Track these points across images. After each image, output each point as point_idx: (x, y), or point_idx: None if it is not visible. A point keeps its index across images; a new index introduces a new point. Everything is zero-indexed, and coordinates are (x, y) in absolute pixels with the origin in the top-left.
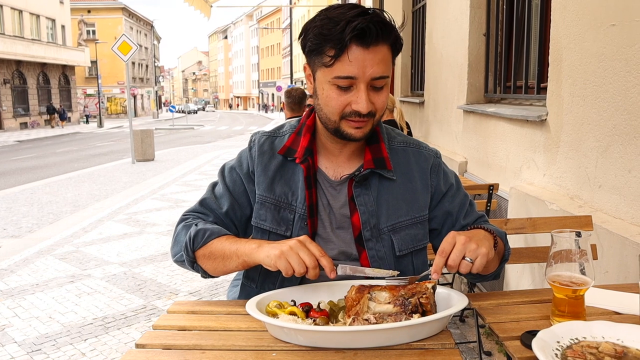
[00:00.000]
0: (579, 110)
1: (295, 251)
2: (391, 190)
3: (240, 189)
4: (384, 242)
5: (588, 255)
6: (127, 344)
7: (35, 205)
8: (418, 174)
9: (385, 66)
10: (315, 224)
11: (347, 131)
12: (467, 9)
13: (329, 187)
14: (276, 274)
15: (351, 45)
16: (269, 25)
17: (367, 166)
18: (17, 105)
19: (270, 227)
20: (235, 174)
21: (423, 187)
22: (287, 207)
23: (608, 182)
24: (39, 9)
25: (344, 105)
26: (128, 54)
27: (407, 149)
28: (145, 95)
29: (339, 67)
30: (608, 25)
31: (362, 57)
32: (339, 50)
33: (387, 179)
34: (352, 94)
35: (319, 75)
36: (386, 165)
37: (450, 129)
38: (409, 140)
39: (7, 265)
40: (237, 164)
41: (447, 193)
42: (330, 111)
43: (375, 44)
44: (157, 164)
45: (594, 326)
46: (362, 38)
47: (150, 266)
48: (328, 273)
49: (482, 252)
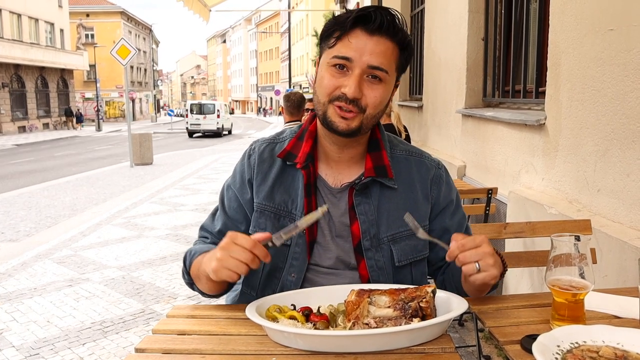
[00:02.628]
0: (577, 115)
1: (228, 254)
2: (392, 200)
3: (234, 205)
4: (384, 252)
5: (587, 259)
6: (125, 349)
7: (33, 209)
8: (419, 183)
9: (385, 59)
10: (314, 232)
11: (332, 119)
12: (466, 13)
13: (329, 195)
14: (275, 282)
15: (355, 28)
16: (267, 29)
17: (368, 174)
18: (16, 109)
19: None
20: (230, 192)
21: (424, 198)
22: (286, 215)
23: (607, 186)
24: (38, 13)
25: (334, 87)
26: (127, 57)
27: (410, 158)
28: (144, 99)
29: (339, 47)
30: (606, 29)
31: (363, 42)
32: (342, 31)
33: (388, 187)
34: (345, 78)
35: (322, 59)
36: (387, 174)
37: (448, 133)
38: (412, 150)
39: (5, 269)
40: (232, 179)
41: (446, 208)
42: (321, 92)
43: (379, 34)
44: (155, 167)
45: (594, 330)
46: (366, 23)
47: (149, 270)
48: (263, 259)
49: (493, 272)
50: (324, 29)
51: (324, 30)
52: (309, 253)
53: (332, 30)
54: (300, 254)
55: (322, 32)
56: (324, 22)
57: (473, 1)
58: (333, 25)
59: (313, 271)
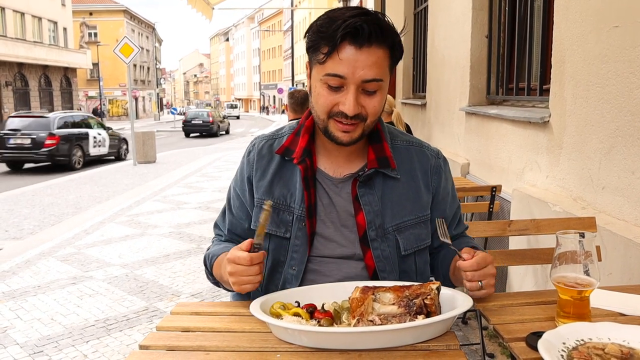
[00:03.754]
0: (582, 112)
1: (239, 278)
2: (395, 190)
3: (237, 203)
4: (389, 242)
5: (593, 257)
6: (129, 346)
7: (37, 207)
8: (420, 173)
9: (379, 69)
10: (314, 225)
11: (335, 133)
12: (469, 10)
13: (331, 185)
14: (277, 277)
15: (343, 43)
16: (270, 27)
17: (371, 166)
18: (19, 108)
19: (270, 230)
20: (233, 191)
21: (425, 187)
22: (285, 209)
23: (611, 184)
24: (41, 12)
25: (332, 105)
26: (130, 56)
27: (410, 148)
28: (147, 97)
29: (330, 65)
30: (611, 26)
31: (353, 57)
32: (332, 47)
33: (391, 178)
34: (342, 94)
35: (314, 73)
36: (390, 164)
37: (452, 130)
38: (412, 140)
39: (9, 267)
40: (234, 179)
41: (445, 197)
42: (319, 109)
43: (369, 45)
44: (158, 165)
45: (599, 327)
46: (355, 37)
47: (152, 268)
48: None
49: (491, 291)
50: (309, 39)
51: (309, 41)
52: (309, 245)
53: (319, 44)
54: (300, 247)
55: (308, 42)
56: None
57: None
58: (319, 39)
59: (318, 262)
